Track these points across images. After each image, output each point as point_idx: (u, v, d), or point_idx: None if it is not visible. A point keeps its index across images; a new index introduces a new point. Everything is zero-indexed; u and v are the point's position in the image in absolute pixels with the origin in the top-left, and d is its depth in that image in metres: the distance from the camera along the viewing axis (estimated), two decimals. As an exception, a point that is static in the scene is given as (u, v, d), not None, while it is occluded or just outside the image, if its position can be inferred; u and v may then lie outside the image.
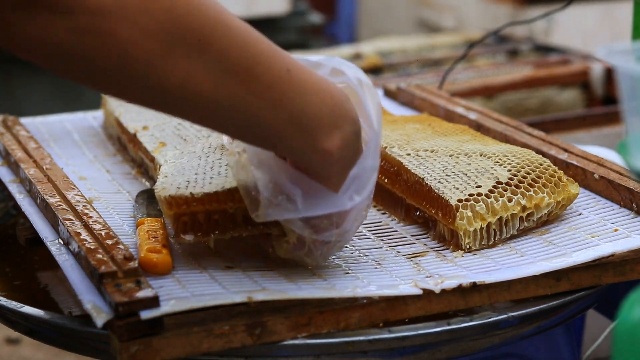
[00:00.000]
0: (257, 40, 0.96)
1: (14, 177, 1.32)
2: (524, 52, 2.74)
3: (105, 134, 1.52)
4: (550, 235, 1.17)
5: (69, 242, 1.09)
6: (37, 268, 1.27)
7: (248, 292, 1.02)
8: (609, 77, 2.38)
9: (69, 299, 1.16)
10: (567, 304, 1.10)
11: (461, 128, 1.38)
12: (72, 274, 1.04)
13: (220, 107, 0.95)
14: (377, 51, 2.71)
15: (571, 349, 1.24)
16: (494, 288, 1.07)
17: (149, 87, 0.93)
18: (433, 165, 1.23)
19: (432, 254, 1.15)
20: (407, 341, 1.02)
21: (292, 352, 1.01)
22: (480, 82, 2.35)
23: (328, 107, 0.99)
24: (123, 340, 0.95)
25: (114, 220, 1.21)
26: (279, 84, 0.96)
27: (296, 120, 0.97)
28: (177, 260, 1.11)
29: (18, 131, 1.45)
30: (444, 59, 2.65)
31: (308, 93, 0.98)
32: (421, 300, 1.05)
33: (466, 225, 1.14)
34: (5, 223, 1.39)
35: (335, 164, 1.01)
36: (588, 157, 1.32)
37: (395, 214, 1.26)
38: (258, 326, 0.99)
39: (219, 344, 0.98)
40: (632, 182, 1.22)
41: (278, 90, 0.96)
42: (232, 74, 0.94)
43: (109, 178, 1.36)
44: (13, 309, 1.10)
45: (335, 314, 1.02)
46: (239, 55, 0.94)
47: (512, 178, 1.19)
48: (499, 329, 1.06)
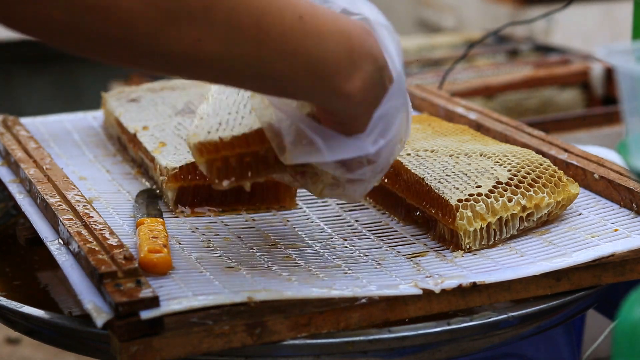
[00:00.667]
0: None
1: (14, 177, 1.32)
2: (524, 52, 2.74)
3: (105, 134, 1.52)
4: (550, 235, 1.17)
5: (69, 242, 1.09)
6: (37, 268, 1.27)
7: (248, 292, 1.02)
8: (609, 77, 2.38)
9: (69, 299, 1.16)
10: (567, 304, 1.10)
11: (461, 128, 1.38)
12: (72, 274, 1.04)
13: (233, 65, 0.92)
14: (377, 51, 2.70)
15: (571, 349, 1.24)
16: (494, 288, 1.07)
17: (157, 54, 0.90)
18: (433, 165, 1.23)
19: (432, 254, 1.15)
20: (407, 341, 1.02)
21: (292, 352, 1.01)
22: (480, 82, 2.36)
23: (345, 49, 0.96)
24: (123, 340, 0.95)
25: (114, 220, 1.21)
26: (291, 34, 0.93)
27: (313, 68, 0.95)
28: (177, 260, 1.11)
29: (18, 131, 1.45)
30: (444, 59, 2.65)
31: (323, 38, 0.95)
32: (421, 300, 1.05)
33: (466, 225, 1.14)
34: (5, 223, 1.39)
35: (358, 105, 0.99)
36: (588, 157, 1.32)
37: (395, 214, 1.26)
38: (258, 326, 0.99)
39: (219, 343, 0.98)
40: (632, 182, 1.22)
41: (291, 40, 0.93)
42: (241, 31, 0.90)
43: (109, 178, 1.36)
44: (13, 309, 1.10)
45: (335, 314, 1.02)
46: (247, 11, 0.90)
47: (512, 178, 1.19)
48: (499, 329, 1.06)
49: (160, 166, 1.28)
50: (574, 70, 2.44)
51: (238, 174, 1.06)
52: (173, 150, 1.31)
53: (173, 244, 1.15)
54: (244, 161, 1.06)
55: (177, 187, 1.25)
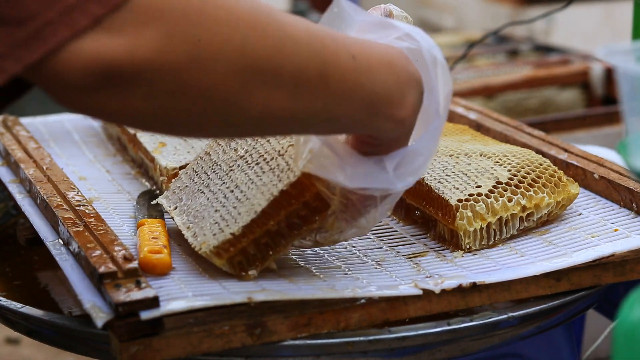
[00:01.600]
0: (318, 37, 0.94)
1: (14, 177, 1.32)
2: (524, 52, 2.74)
3: (105, 134, 1.52)
4: (550, 235, 1.17)
5: (69, 242, 1.09)
6: (37, 268, 1.27)
7: (248, 292, 1.02)
8: (609, 77, 2.38)
9: (69, 299, 1.16)
10: (567, 304, 1.10)
11: (461, 128, 1.38)
12: (72, 274, 1.04)
13: (300, 118, 0.94)
14: (377, 51, 2.70)
15: (571, 349, 1.24)
16: (494, 288, 1.07)
17: (231, 122, 0.92)
18: (433, 165, 1.23)
19: (432, 254, 1.15)
20: (407, 341, 1.02)
21: (292, 352, 1.01)
22: (480, 82, 2.36)
23: (394, 77, 0.97)
24: (123, 341, 0.95)
25: (114, 220, 1.21)
26: (348, 75, 0.94)
27: (369, 102, 0.96)
28: (177, 260, 1.11)
29: (18, 131, 1.45)
30: (444, 59, 2.64)
31: (374, 72, 0.96)
32: (421, 301, 1.05)
33: (466, 225, 1.14)
34: (5, 223, 1.39)
35: (408, 128, 1.01)
36: (588, 157, 1.32)
37: (395, 214, 1.26)
38: (258, 326, 0.99)
39: (219, 344, 0.98)
40: (632, 182, 1.22)
41: (349, 81, 0.94)
42: (307, 85, 0.92)
43: (109, 178, 1.36)
44: (13, 309, 1.10)
45: (336, 314, 1.02)
46: (310, 64, 0.92)
47: (512, 178, 1.19)
48: (499, 329, 1.06)
49: (160, 166, 1.28)
50: (574, 70, 2.44)
51: (260, 258, 1.07)
52: (173, 150, 1.31)
53: (173, 246, 1.15)
54: (261, 243, 1.06)
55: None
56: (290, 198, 1.04)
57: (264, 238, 1.06)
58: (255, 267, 1.06)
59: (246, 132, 1.00)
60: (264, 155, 1.10)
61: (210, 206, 1.11)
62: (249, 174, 1.10)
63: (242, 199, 1.08)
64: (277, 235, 1.06)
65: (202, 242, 1.07)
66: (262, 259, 1.06)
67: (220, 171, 1.15)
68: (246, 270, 1.06)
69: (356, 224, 1.06)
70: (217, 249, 1.05)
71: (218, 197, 1.11)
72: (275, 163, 1.08)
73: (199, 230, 1.09)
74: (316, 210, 1.04)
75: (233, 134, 1.03)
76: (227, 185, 1.12)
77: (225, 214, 1.08)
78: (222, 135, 1.07)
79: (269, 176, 1.07)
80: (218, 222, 1.08)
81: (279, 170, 1.07)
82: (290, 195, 1.04)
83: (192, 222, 1.11)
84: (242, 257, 1.06)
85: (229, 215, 1.08)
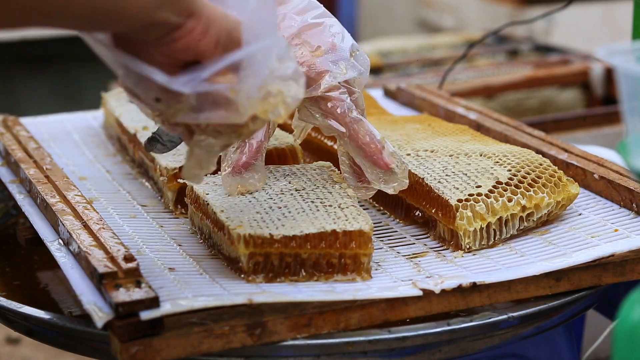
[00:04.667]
0: None
1: (14, 177, 1.32)
2: (524, 52, 2.74)
3: (105, 134, 1.52)
4: (550, 235, 1.17)
5: (69, 243, 1.09)
6: (37, 268, 1.27)
7: (249, 294, 1.02)
8: (609, 77, 2.38)
9: (69, 299, 1.16)
10: (567, 304, 1.10)
11: (461, 128, 1.38)
12: (72, 275, 1.04)
13: None
14: (377, 51, 2.71)
15: (571, 349, 1.24)
16: (494, 288, 1.07)
17: None
18: (433, 165, 1.23)
19: (432, 254, 1.15)
20: (407, 341, 1.02)
21: (292, 352, 1.01)
22: (480, 82, 2.36)
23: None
24: (123, 341, 0.95)
25: (114, 220, 1.21)
26: None
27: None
28: (177, 261, 1.11)
29: (18, 131, 1.45)
30: (444, 59, 2.65)
31: None
32: (421, 301, 1.05)
33: (466, 225, 1.14)
34: (5, 223, 1.39)
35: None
36: (588, 157, 1.32)
37: (395, 214, 1.26)
38: (258, 326, 0.99)
39: (219, 344, 0.98)
40: (632, 182, 1.22)
41: None
42: None
43: (109, 178, 1.36)
44: (13, 309, 1.10)
45: (336, 314, 1.02)
46: None
47: (512, 178, 1.19)
48: (499, 329, 1.06)
49: (160, 166, 1.28)
50: (574, 70, 2.44)
51: (275, 272, 1.07)
52: (173, 150, 1.31)
53: (173, 246, 1.15)
54: (285, 260, 1.07)
55: (177, 188, 1.25)
56: (335, 241, 1.07)
57: (290, 258, 1.07)
58: (266, 275, 1.07)
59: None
60: (323, 200, 1.13)
61: (251, 207, 1.12)
62: (302, 204, 1.12)
63: (288, 217, 1.10)
64: (301, 265, 1.07)
65: (237, 224, 1.08)
66: (275, 274, 1.07)
67: (270, 189, 1.16)
68: (256, 273, 1.07)
69: None
70: (250, 237, 1.06)
71: (262, 205, 1.12)
72: (332, 209, 1.11)
73: (235, 217, 1.09)
74: (344, 267, 1.08)
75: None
76: (275, 201, 1.13)
77: (266, 219, 1.09)
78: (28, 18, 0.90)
79: (323, 215, 1.10)
80: (257, 221, 1.09)
81: (335, 217, 1.09)
82: (337, 239, 1.07)
83: (228, 210, 1.11)
84: (262, 260, 1.07)
85: (270, 221, 1.09)
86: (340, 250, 1.07)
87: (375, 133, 1.14)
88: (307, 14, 1.18)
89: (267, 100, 0.98)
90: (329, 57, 1.16)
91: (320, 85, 1.15)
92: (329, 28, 1.18)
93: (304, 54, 1.16)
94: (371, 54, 2.66)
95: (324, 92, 1.14)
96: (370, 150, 1.14)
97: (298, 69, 1.00)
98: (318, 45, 1.16)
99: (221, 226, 1.10)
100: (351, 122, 1.14)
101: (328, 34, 1.17)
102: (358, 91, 1.16)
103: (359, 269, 1.08)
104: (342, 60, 1.16)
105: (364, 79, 1.17)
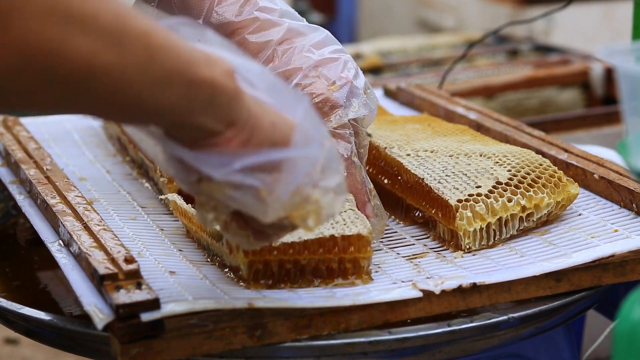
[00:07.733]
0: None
1: (14, 177, 1.32)
2: (524, 52, 2.74)
3: (105, 134, 1.52)
4: (550, 236, 1.17)
5: (70, 244, 1.09)
6: (37, 268, 1.27)
7: (249, 299, 1.02)
8: (609, 77, 2.39)
9: (69, 300, 1.16)
10: (567, 304, 1.10)
11: (461, 128, 1.38)
12: (73, 276, 1.04)
13: (129, 77, 0.84)
14: (377, 51, 2.71)
15: (571, 350, 1.24)
16: (494, 289, 1.07)
17: (59, 80, 0.82)
18: (433, 166, 1.23)
19: (432, 255, 1.15)
20: (407, 342, 1.02)
21: (293, 353, 1.01)
22: (480, 82, 2.36)
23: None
24: (123, 342, 0.95)
25: (114, 221, 1.21)
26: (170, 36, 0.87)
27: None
28: (178, 265, 1.11)
29: (18, 131, 1.44)
30: (444, 59, 2.65)
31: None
32: (421, 302, 1.05)
33: (466, 225, 1.14)
34: (5, 223, 1.39)
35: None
36: (588, 157, 1.32)
37: (395, 215, 1.26)
38: (258, 328, 0.99)
39: (219, 345, 0.98)
40: (632, 182, 1.22)
41: (172, 39, 0.87)
42: (128, 37, 0.84)
43: (109, 179, 1.36)
44: (13, 309, 1.10)
45: (336, 315, 1.02)
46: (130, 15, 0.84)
47: (512, 178, 1.19)
48: (499, 330, 1.06)
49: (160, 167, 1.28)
50: (574, 70, 2.44)
51: (275, 279, 1.07)
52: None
53: (173, 250, 1.15)
54: (284, 267, 1.07)
55: (177, 189, 1.25)
56: (334, 246, 1.07)
57: (290, 265, 1.07)
58: (266, 282, 1.07)
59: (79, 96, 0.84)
60: None
61: None
62: None
63: None
64: (300, 271, 1.07)
65: None
66: (276, 281, 1.07)
67: None
68: (257, 281, 1.07)
69: None
70: None
71: None
72: None
73: None
74: (344, 271, 1.07)
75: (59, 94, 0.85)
76: None
77: None
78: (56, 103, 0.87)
79: None
80: None
81: (333, 221, 1.09)
82: (335, 244, 1.07)
83: None
84: (262, 268, 1.07)
85: None
86: (339, 255, 1.07)
87: (367, 182, 1.17)
88: (324, 48, 1.20)
89: (300, 205, 0.94)
90: (343, 92, 1.17)
91: (331, 120, 1.16)
92: (346, 64, 1.19)
93: (320, 87, 1.18)
94: (371, 54, 2.66)
95: (333, 127, 1.16)
96: (358, 199, 1.16)
97: (343, 183, 0.95)
98: (334, 80, 1.18)
99: (218, 237, 1.10)
100: (349, 166, 1.16)
101: (344, 70, 1.19)
102: (364, 131, 1.19)
103: (359, 272, 1.08)
104: (355, 97, 1.18)
105: (371, 118, 1.20)
